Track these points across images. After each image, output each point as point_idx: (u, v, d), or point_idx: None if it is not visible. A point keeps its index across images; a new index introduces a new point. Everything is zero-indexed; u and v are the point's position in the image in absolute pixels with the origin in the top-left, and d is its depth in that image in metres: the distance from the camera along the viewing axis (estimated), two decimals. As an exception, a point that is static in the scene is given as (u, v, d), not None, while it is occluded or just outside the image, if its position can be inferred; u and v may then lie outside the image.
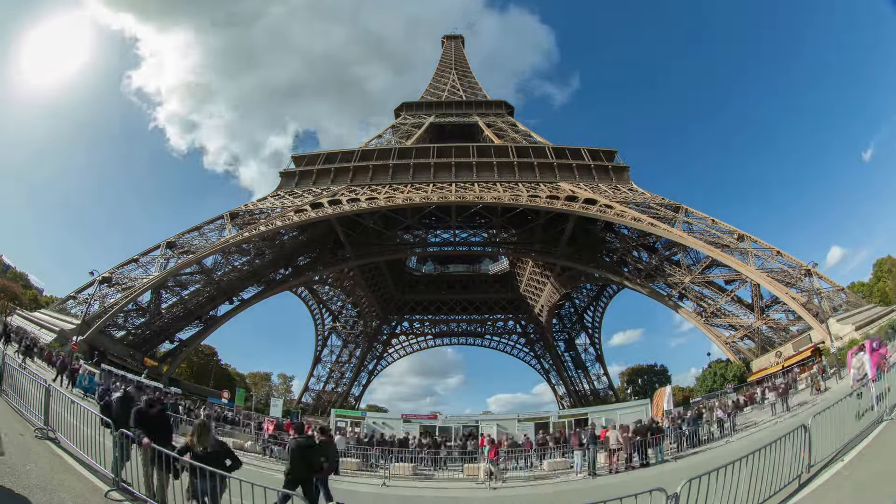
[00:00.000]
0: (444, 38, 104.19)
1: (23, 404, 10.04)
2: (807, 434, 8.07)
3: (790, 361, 35.14)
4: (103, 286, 41.43)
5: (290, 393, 78.04)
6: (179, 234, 46.62)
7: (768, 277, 38.11)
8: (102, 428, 8.03)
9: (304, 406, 68.08)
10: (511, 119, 72.28)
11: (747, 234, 42.09)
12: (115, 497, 6.93)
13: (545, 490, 14.42)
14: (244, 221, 48.39)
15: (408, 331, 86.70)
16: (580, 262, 54.40)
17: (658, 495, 5.62)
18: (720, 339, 44.23)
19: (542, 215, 51.61)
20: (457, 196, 48.86)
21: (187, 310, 48.42)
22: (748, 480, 6.78)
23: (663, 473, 13.60)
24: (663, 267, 47.52)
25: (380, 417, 32.16)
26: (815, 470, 8.01)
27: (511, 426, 25.31)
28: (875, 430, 9.51)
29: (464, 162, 54.34)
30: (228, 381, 62.77)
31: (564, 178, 53.00)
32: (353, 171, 54.66)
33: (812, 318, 34.58)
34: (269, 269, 53.94)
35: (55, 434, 8.78)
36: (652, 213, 45.78)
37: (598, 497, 7.24)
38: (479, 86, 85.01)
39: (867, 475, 7.55)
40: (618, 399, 66.96)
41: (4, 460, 6.50)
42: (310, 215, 46.91)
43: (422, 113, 74.00)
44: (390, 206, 48.56)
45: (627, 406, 29.72)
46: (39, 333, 34.03)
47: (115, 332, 42.50)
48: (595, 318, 74.85)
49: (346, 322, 76.97)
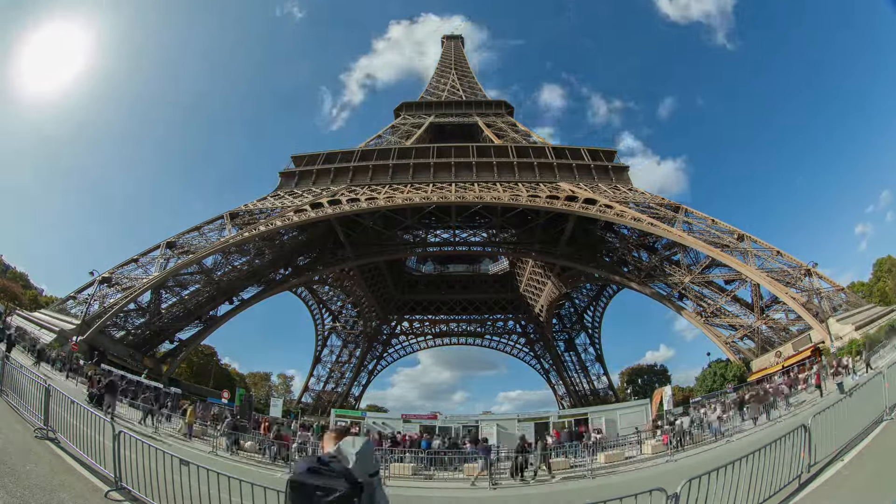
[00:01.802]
0: (443, 38, 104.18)
1: (23, 404, 10.04)
2: (807, 434, 8.07)
3: (790, 361, 35.17)
4: (103, 286, 41.42)
5: (289, 393, 78.13)
6: (179, 234, 46.62)
7: (768, 277, 38.12)
8: (102, 428, 8.03)
9: (304, 406, 68.10)
10: (511, 119, 72.29)
11: (747, 234, 42.10)
12: (115, 497, 6.93)
13: (544, 489, 14.43)
14: (244, 221, 48.39)
15: (408, 331, 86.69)
16: (580, 262, 54.40)
17: (658, 495, 5.62)
18: (720, 338, 44.25)
19: (541, 215, 51.61)
20: (457, 196, 48.86)
21: (187, 310, 48.41)
22: (748, 480, 6.78)
23: (664, 473, 13.61)
24: (663, 267, 47.53)
25: (380, 417, 32.16)
26: (816, 470, 8.01)
27: (511, 426, 25.30)
28: (875, 430, 9.51)
29: (464, 162, 54.36)
30: (228, 381, 62.76)
31: (564, 178, 53.02)
32: (353, 171, 54.67)
33: (812, 317, 34.59)
34: (269, 269, 53.93)
35: (55, 434, 8.78)
36: (652, 213, 45.79)
37: (598, 497, 7.24)
38: (478, 86, 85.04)
39: (867, 475, 7.55)
40: (618, 399, 66.99)
41: (4, 460, 6.50)
42: (310, 215, 46.91)
43: (421, 113, 74.01)
44: (390, 206, 48.56)
45: (627, 406, 29.75)
46: (39, 333, 34.03)
47: (115, 332, 42.50)
48: (595, 318, 74.97)
49: (346, 322, 76.98)
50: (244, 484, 6.22)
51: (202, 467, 6.50)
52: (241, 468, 15.16)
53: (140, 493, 6.96)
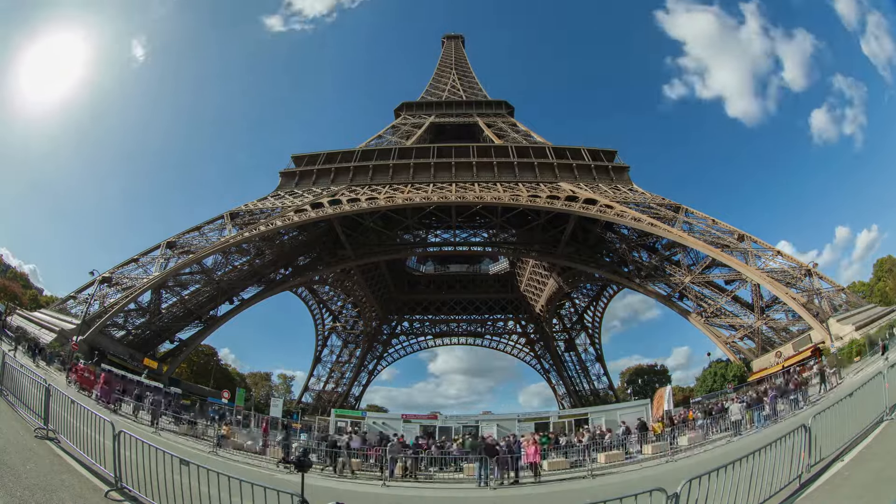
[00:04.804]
0: (444, 38, 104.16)
1: (22, 404, 10.04)
2: (807, 434, 8.06)
3: (790, 361, 35.12)
4: (103, 286, 41.43)
5: (290, 393, 78.16)
6: (179, 234, 46.63)
7: (768, 277, 38.10)
8: (102, 428, 8.04)
9: (305, 406, 68.11)
10: (511, 119, 72.29)
11: (747, 234, 42.08)
12: (115, 497, 6.93)
13: (544, 490, 14.42)
14: (244, 221, 48.39)
15: (408, 331, 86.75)
16: (580, 262, 54.40)
17: (658, 495, 5.62)
18: (720, 339, 44.22)
19: (542, 215, 51.60)
20: (457, 196, 48.85)
21: (187, 310, 48.40)
22: (748, 480, 6.78)
23: (664, 473, 13.60)
24: (663, 267, 47.52)
25: (380, 417, 32.18)
26: (816, 470, 8.00)
27: (511, 426, 25.31)
28: (875, 431, 9.50)
29: (464, 162, 54.35)
30: (228, 381, 62.76)
31: (564, 178, 53.01)
32: (354, 171, 54.68)
33: (812, 318, 34.57)
34: (269, 268, 53.94)
35: (55, 434, 8.79)
36: (652, 213, 45.78)
37: (598, 497, 7.24)
38: (479, 86, 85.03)
39: (867, 475, 7.54)
40: (618, 399, 67.01)
41: (4, 460, 6.50)
42: (310, 215, 46.92)
43: (422, 113, 74.05)
44: (390, 206, 48.56)
45: (627, 406, 29.77)
46: (39, 333, 34.04)
47: (115, 332, 42.51)
48: (595, 318, 74.94)
49: (347, 322, 77.01)
50: (244, 484, 6.22)
51: (202, 467, 6.50)
52: (240, 467, 15.16)
53: (140, 493, 6.96)
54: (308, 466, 7.95)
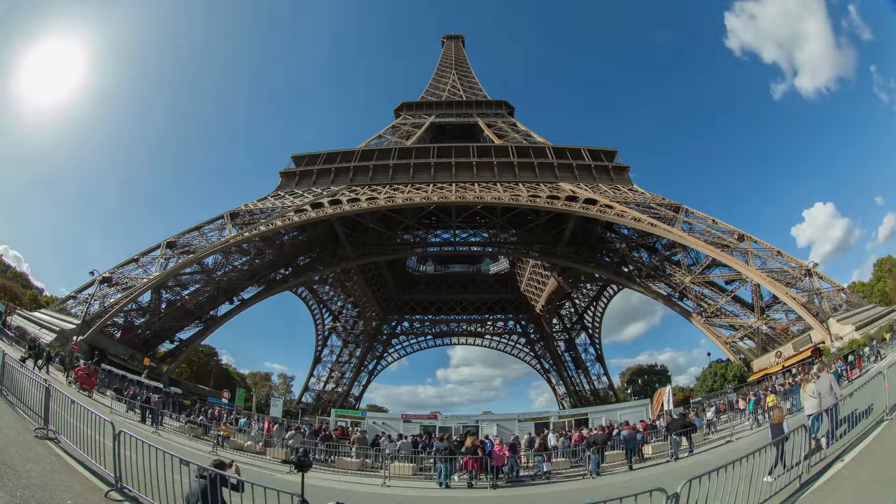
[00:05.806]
0: (444, 38, 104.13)
1: (23, 404, 10.04)
2: (807, 434, 8.06)
3: (790, 361, 35.14)
4: (103, 286, 41.42)
5: (290, 393, 78.10)
6: (179, 234, 46.61)
7: (768, 277, 38.09)
8: (102, 428, 8.04)
9: (305, 406, 68.08)
10: (511, 119, 72.27)
11: (747, 235, 42.07)
12: (114, 497, 6.93)
13: (545, 490, 14.42)
14: (244, 221, 48.38)
15: (408, 331, 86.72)
16: (580, 262, 54.39)
17: (658, 495, 5.62)
18: (720, 339, 44.23)
19: (542, 215, 51.57)
20: (457, 196, 48.84)
21: (187, 310, 48.39)
22: (748, 480, 6.77)
23: (664, 473, 13.60)
24: (664, 267, 47.51)
25: (380, 417, 32.17)
26: (816, 470, 8.00)
27: (511, 426, 25.32)
28: (875, 431, 9.49)
29: (464, 162, 54.33)
30: (228, 381, 62.76)
31: (564, 178, 53.00)
32: (354, 171, 54.66)
33: (812, 318, 34.56)
34: (269, 269, 53.93)
35: (55, 434, 8.78)
36: (652, 213, 45.76)
37: (598, 497, 7.24)
38: (479, 86, 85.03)
39: (867, 476, 7.54)
40: (618, 399, 67.00)
41: (4, 460, 6.50)
42: (310, 215, 46.91)
43: (422, 113, 74.02)
44: (390, 206, 48.54)
45: (628, 406, 29.78)
46: (39, 333, 34.00)
47: (115, 332, 42.50)
48: (595, 318, 74.93)
49: (347, 322, 76.99)
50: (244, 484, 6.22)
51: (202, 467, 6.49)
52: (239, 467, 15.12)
53: (140, 493, 6.96)
54: (308, 466, 7.95)
